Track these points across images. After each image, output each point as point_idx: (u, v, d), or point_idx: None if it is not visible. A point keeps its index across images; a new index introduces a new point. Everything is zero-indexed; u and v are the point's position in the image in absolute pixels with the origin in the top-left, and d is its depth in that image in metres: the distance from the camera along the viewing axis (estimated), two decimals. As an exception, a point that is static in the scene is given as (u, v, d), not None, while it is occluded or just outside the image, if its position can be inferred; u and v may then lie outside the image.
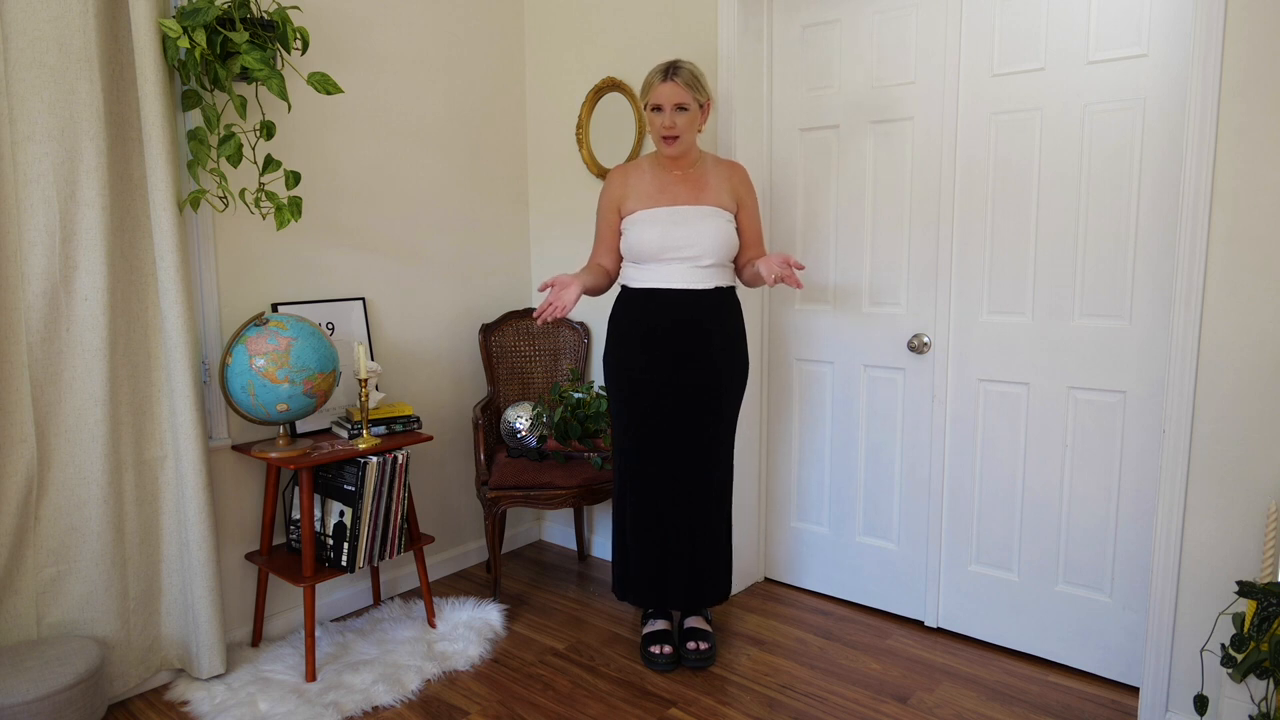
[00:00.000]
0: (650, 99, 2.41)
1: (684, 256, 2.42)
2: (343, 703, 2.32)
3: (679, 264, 2.43)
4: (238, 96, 2.27)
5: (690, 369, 2.44)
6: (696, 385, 2.45)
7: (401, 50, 2.99)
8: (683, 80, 2.38)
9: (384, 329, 3.02)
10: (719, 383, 2.48)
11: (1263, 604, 1.75)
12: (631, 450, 2.51)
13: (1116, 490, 2.39)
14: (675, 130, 2.39)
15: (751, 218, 2.56)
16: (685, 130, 2.40)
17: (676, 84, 2.37)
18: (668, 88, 2.37)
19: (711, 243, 2.42)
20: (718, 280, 2.47)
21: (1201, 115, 1.98)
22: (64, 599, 2.25)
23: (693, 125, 2.42)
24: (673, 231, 2.42)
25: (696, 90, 2.39)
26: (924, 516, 2.76)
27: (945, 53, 2.55)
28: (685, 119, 2.39)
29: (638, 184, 2.52)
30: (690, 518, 2.49)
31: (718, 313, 2.47)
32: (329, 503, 2.56)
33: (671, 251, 2.42)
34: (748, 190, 2.55)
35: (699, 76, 2.41)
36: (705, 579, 2.54)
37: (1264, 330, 1.96)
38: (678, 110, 2.38)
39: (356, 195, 2.90)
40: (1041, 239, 2.44)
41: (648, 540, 2.51)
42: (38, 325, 2.14)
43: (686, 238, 2.41)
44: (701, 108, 2.42)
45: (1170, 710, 2.17)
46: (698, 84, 2.40)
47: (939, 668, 2.55)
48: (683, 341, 2.44)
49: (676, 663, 2.55)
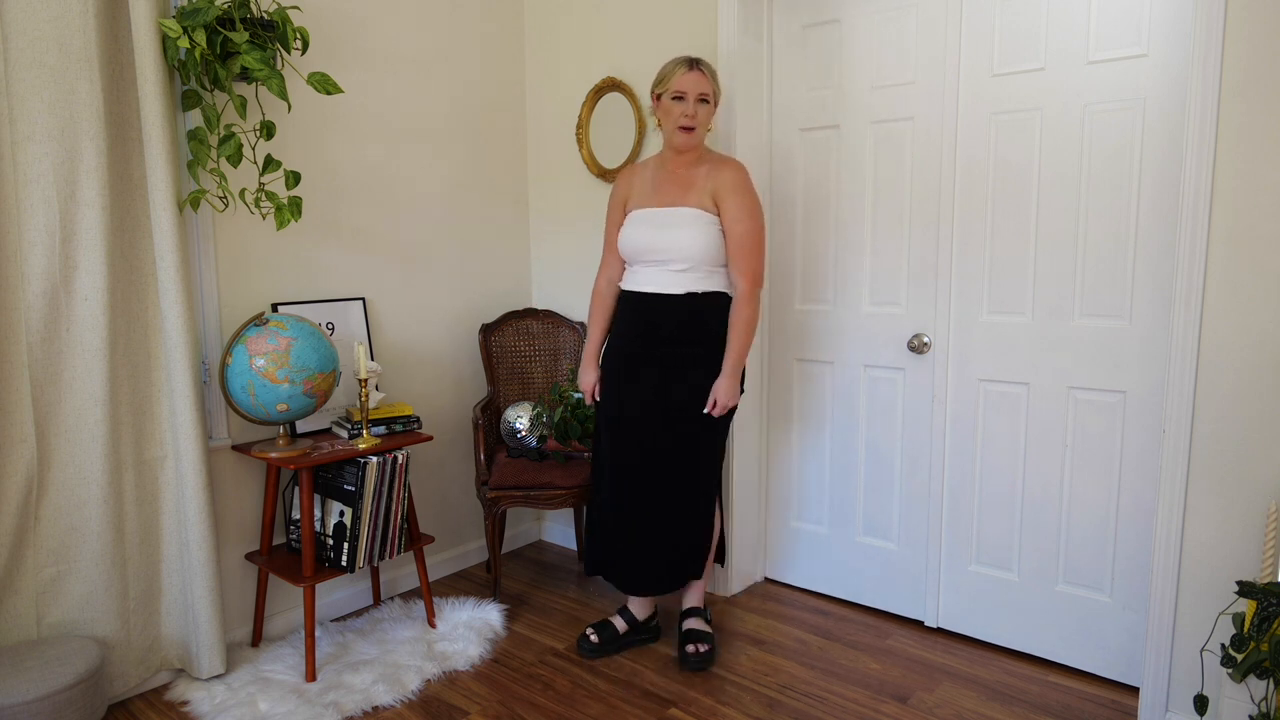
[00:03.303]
0: (672, 87, 2.38)
1: (658, 260, 2.42)
2: (343, 703, 2.32)
3: (655, 267, 2.43)
4: (238, 96, 2.27)
5: (654, 371, 2.44)
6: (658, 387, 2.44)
7: (401, 50, 2.99)
8: (708, 71, 2.40)
9: (384, 329, 3.02)
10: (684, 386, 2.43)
11: (1263, 604, 1.75)
12: (603, 441, 2.59)
13: (1116, 490, 2.39)
14: (695, 121, 2.38)
15: (731, 221, 2.39)
16: (703, 123, 2.41)
17: (703, 74, 2.38)
18: (694, 76, 2.37)
19: (683, 247, 2.38)
20: (691, 285, 2.40)
21: (1201, 115, 1.98)
22: (64, 599, 2.25)
23: (708, 120, 2.43)
24: (651, 233, 2.42)
25: (716, 83, 2.42)
26: (924, 516, 2.76)
27: (945, 53, 2.55)
28: (705, 111, 2.40)
29: (640, 183, 2.54)
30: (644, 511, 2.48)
31: (685, 317, 2.41)
32: (329, 503, 2.56)
33: (649, 254, 2.43)
34: (730, 190, 2.39)
35: (716, 72, 2.45)
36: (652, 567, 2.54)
37: (1264, 330, 1.96)
38: (700, 101, 2.38)
39: (356, 195, 2.90)
40: (1041, 239, 2.44)
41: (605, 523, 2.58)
42: (38, 325, 2.14)
43: (661, 240, 2.40)
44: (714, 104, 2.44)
45: (1170, 710, 2.17)
46: (716, 78, 2.43)
47: (939, 668, 2.55)
48: (650, 344, 2.45)
49: (599, 651, 2.60)
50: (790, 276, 2.98)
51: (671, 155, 2.48)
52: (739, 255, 2.40)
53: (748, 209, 2.40)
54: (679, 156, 2.46)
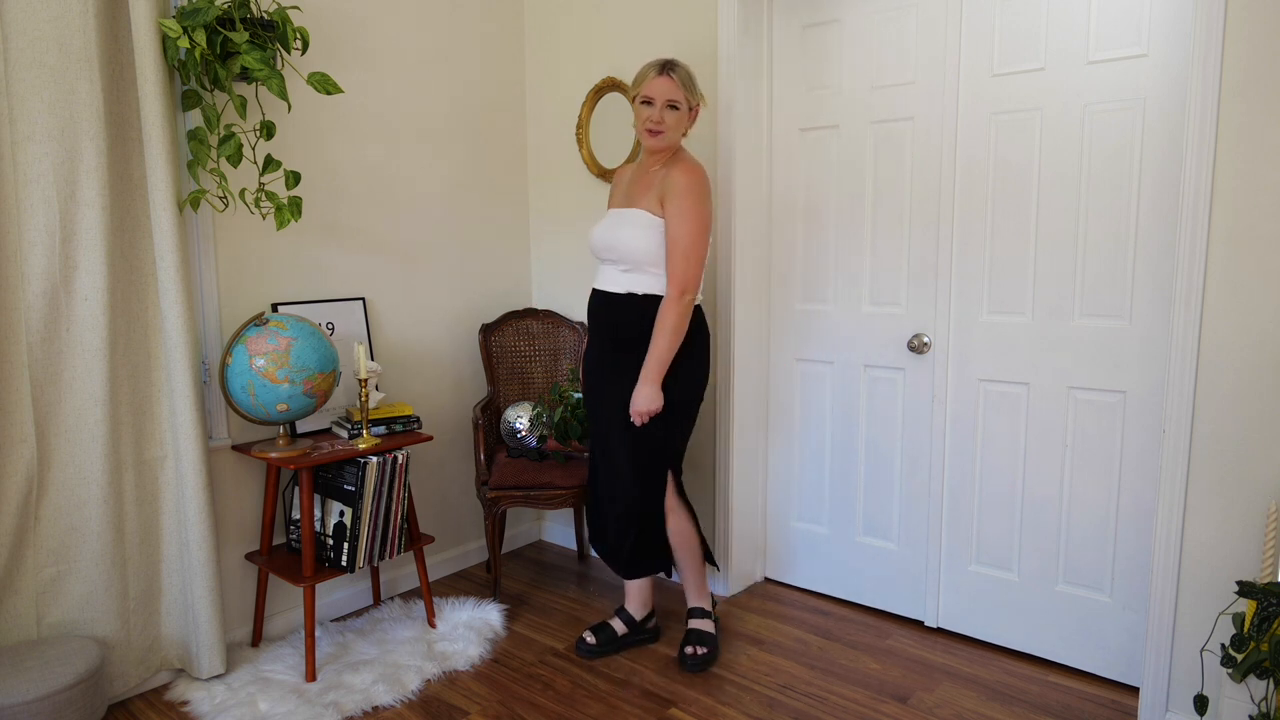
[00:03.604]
0: (642, 91, 2.37)
1: (610, 259, 2.46)
2: (343, 703, 2.32)
3: (609, 265, 2.48)
4: (238, 96, 2.27)
5: (606, 367, 2.49)
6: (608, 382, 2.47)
7: (401, 50, 2.99)
8: (679, 77, 2.36)
9: (384, 329, 3.02)
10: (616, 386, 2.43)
11: (1263, 604, 1.75)
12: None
13: (1116, 490, 2.39)
14: (662, 126, 2.37)
15: (668, 223, 2.34)
16: (672, 128, 2.38)
17: (672, 80, 2.36)
18: (662, 82, 2.35)
19: (626, 248, 2.39)
20: (631, 286, 2.41)
21: (1201, 115, 1.98)
22: (64, 599, 2.25)
23: (680, 125, 2.40)
24: (603, 233, 2.47)
25: (689, 90, 2.38)
26: (924, 516, 2.76)
27: (945, 53, 2.54)
28: (674, 117, 2.37)
29: (620, 182, 2.59)
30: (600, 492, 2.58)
31: (624, 317, 2.43)
32: (329, 503, 2.56)
33: (603, 253, 2.48)
34: (674, 192, 2.33)
35: (693, 78, 2.41)
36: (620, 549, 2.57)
37: (1264, 330, 1.96)
38: (668, 108, 2.36)
39: (356, 195, 2.90)
40: (1041, 239, 2.44)
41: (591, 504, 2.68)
42: (38, 325, 2.14)
43: (611, 240, 2.44)
44: (691, 110, 2.41)
45: (1170, 710, 2.17)
46: (691, 84, 2.39)
47: (939, 668, 2.55)
48: (601, 340, 2.52)
49: (596, 653, 2.62)
50: (790, 276, 2.98)
51: (647, 156, 2.49)
52: (669, 258, 2.34)
53: (685, 212, 2.32)
54: (651, 157, 2.47)
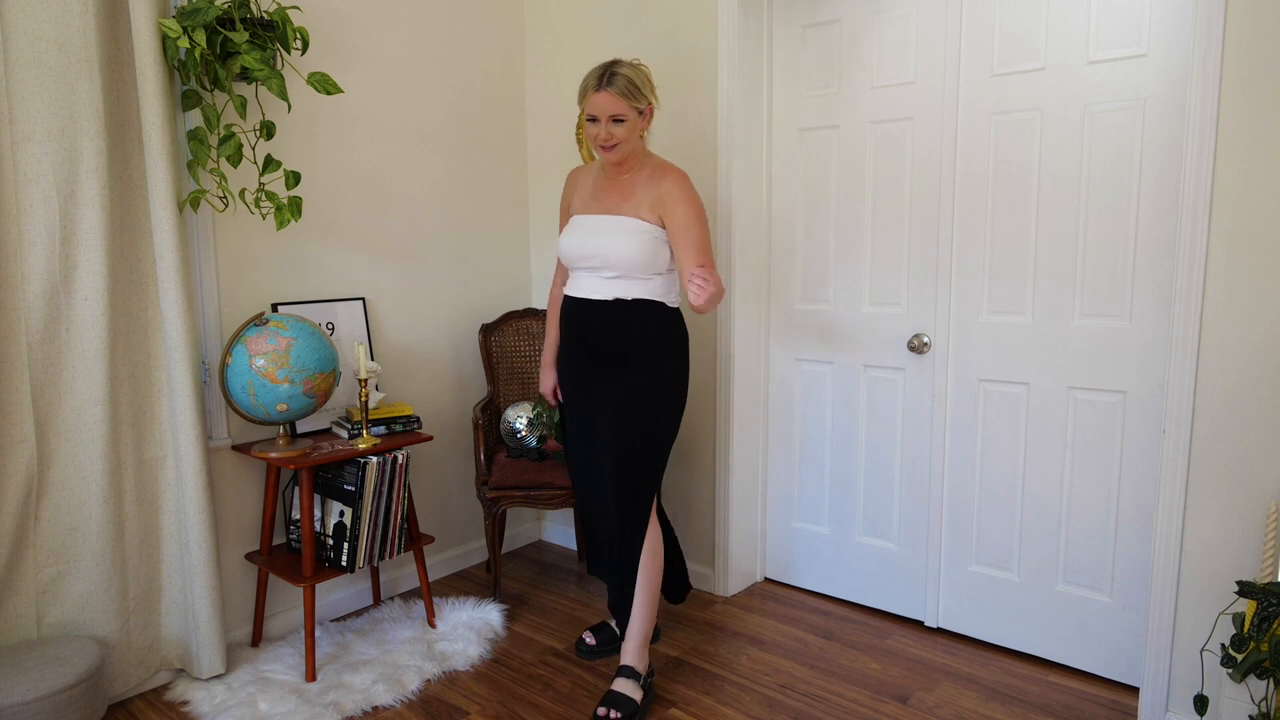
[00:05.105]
0: (585, 108, 2.27)
1: (591, 266, 2.38)
2: (343, 703, 2.32)
3: (589, 273, 2.39)
4: (238, 96, 2.27)
5: (594, 377, 2.42)
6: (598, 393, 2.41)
7: (401, 50, 2.99)
8: (617, 90, 2.22)
9: (384, 329, 3.02)
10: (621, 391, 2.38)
11: (1263, 604, 1.75)
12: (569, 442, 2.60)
13: (1116, 490, 2.39)
14: (612, 140, 2.27)
15: (681, 232, 2.28)
16: (624, 139, 2.27)
17: (610, 94, 2.22)
18: (602, 98, 2.23)
19: (615, 255, 2.32)
20: (619, 292, 2.35)
21: (1201, 115, 1.98)
22: (64, 599, 2.25)
23: (633, 132, 2.29)
24: (585, 240, 2.37)
25: (634, 98, 2.24)
26: (924, 516, 2.76)
27: (945, 53, 2.54)
28: (623, 129, 2.26)
29: (583, 187, 2.49)
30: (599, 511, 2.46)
31: (617, 325, 2.38)
32: (329, 503, 2.56)
33: (583, 260, 2.38)
34: (676, 201, 2.29)
35: (638, 83, 2.26)
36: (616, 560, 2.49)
37: (1264, 330, 1.96)
38: (614, 122, 2.25)
39: (356, 195, 2.89)
40: (1041, 239, 2.44)
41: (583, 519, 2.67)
42: (38, 325, 2.14)
43: (594, 247, 2.35)
44: (641, 114, 2.29)
45: (1170, 710, 2.17)
46: (635, 91, 2.25)
47: (939, 668, 2.55)
48: (587, 350, 2.43)
49: (595, 653, 2.64)
50: (790, 276, 2.98)
51: (611, 164, 2.39)
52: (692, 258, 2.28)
53: (695, 215, 2.31)
54: (618, 164, 2.37)
